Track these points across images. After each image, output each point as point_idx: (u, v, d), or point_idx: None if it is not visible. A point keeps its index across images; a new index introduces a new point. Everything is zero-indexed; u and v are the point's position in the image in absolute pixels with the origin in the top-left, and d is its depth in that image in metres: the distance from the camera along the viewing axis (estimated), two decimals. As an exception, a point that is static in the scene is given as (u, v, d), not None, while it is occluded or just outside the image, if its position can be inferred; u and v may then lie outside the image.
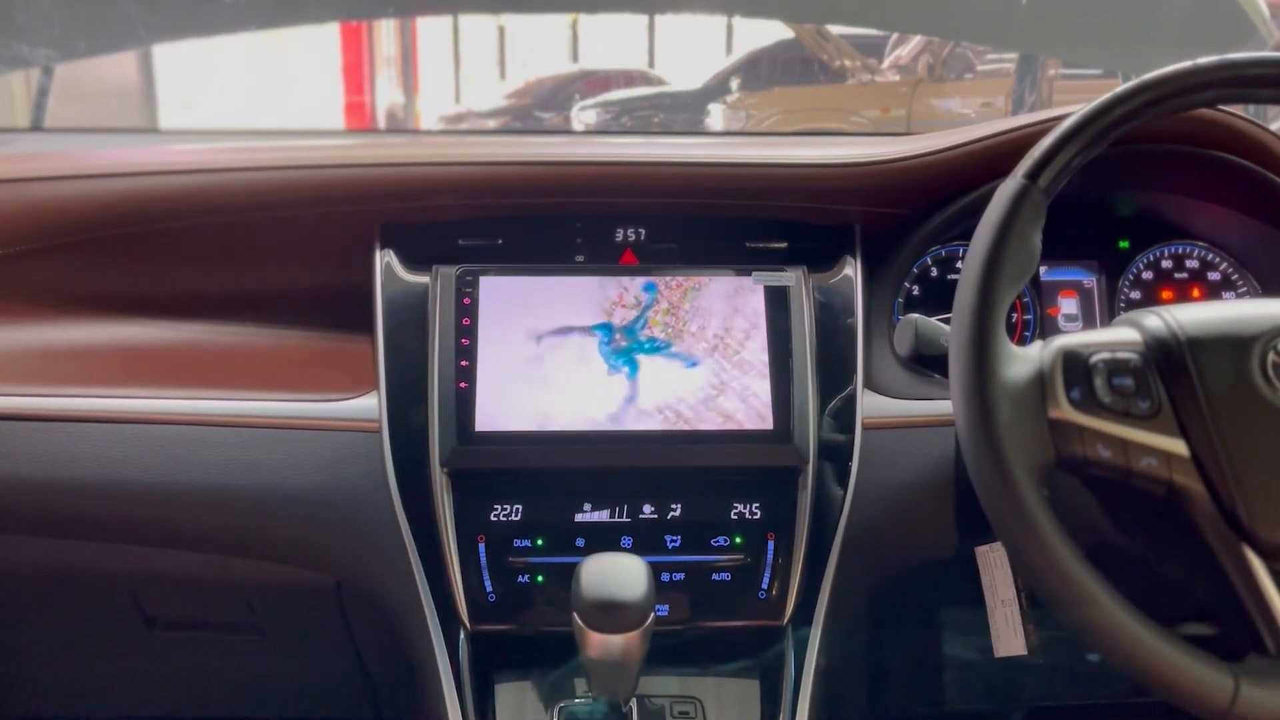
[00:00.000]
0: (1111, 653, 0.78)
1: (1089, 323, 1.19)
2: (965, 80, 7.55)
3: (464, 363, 1.01)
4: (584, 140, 1.19)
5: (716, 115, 8.08)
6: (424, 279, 1.07)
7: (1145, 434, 0.80)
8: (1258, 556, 0.78)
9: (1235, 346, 0.81)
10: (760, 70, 8.11)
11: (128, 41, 1.73)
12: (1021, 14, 1.66)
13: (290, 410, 1.04)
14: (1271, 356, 0.81)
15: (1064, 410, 0.80)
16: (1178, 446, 0.80)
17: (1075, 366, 0.82)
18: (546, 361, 1.02)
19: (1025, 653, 1.04)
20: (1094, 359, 0.82)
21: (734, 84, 8.19)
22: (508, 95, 10.12)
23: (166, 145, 1.23)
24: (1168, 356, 0.82)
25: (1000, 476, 0.79)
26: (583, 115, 8.75)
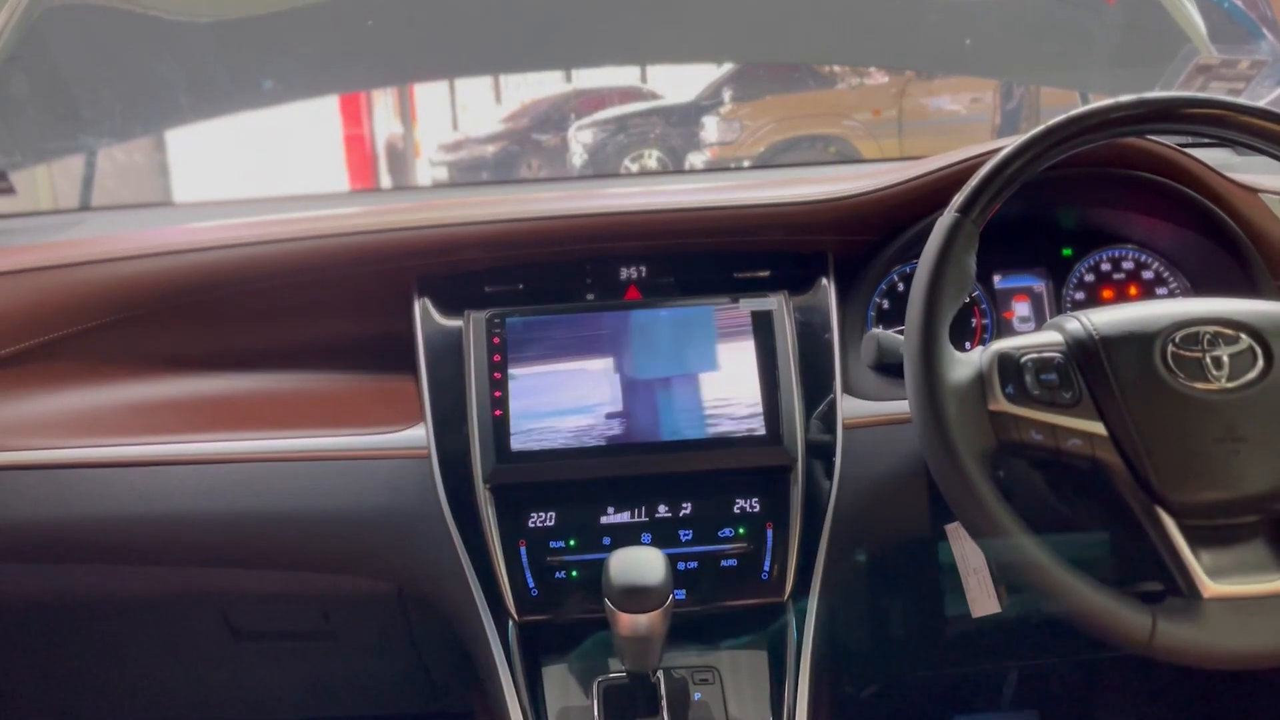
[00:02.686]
0: (1053, 601, 0.94)
1: (1040, 323, 1.34)
2: (953, 77, 7.67)
3: (497, 393, 1.17)
4: (590, 192, 1.34)
5: (711, 127, 8.23)
6: (457, 322, 1.22)
7: (1069, 419, 0.95)
8: (1168, 515, 0.93)
9: (1140, 341, 0.97)
10: (751, 80, 8.24)
11: (176, 123, 1.91)
12: (968, 51, 1.82)
13: (350, 444, 1.19)
14: (1170, 348, 0.96)
15: (1001, 403, 0.96)
16: (1097, 428, 0.95)
17: (1008, 366, 0.98)
18: (568, 387, 1.18)
19: (999, 610, 1.19)
20: (1024, 359, 0.98)
21: (726, 95, 8.32)
22: (504, 119, 10.23)
23: (215, 219, 1.39)
24: (1085, 353, 0.97)
25: (951, 462, 0.94)
26: (580, 135, 8.88)
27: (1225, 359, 0.96)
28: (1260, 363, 0.95)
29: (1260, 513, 0.93)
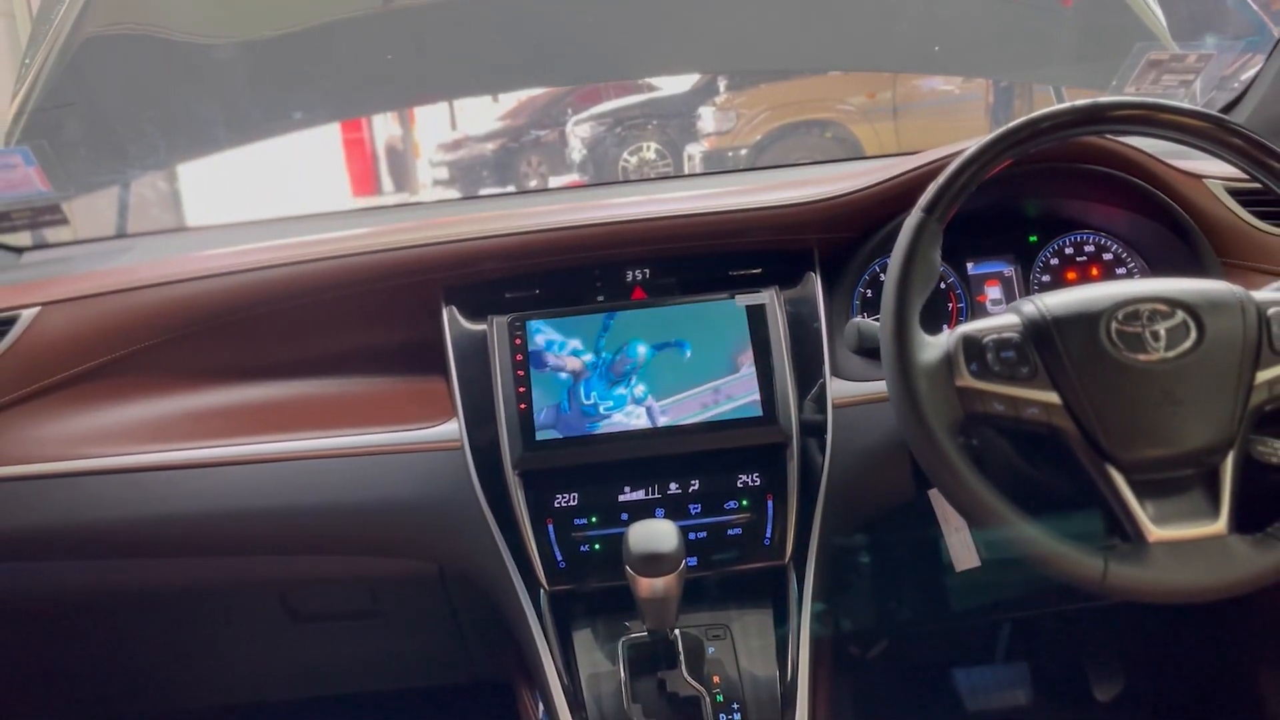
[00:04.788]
0: (1018, 550, 1.06)
1: None
2: (943, 60, 7.71)
3: (521, 389, 1.30)
4: (597, 203, 1.43)
5: (707, 118, 8.28)
6: (481, 327, 1.34)
7: (1027, 391, 1.07)
8: (1117, 471, 1.04)
9: (1088, 320, 1.08)
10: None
11: (212, 151, 2.05)
12: (939, 55, 1.93)
13: (390, 439, 1.31)
14: (1114, 325, 1.08)
15: (966, 379, 1.08)
16: (1052, 398, 1.06)
17: (972, 346, 1.09)
18: (584, 380, 1.30)
19: (978, 565, 1.32)
20: (986, 339, 1.10)
21: (721, 84, 8.37)
22: (501, 117, 10.24)
23: (251, 239, 1.51)
24: (1039, 332, 1.09)
25: (924, 433, 1.07)
26: (577, 130, 8.92)
27: (1162, 332, 1.07)
28: (1193, 334, 1.07)
29: (1197, 466, 1.05)
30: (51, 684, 1.59)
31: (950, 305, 1.45)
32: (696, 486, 1.28)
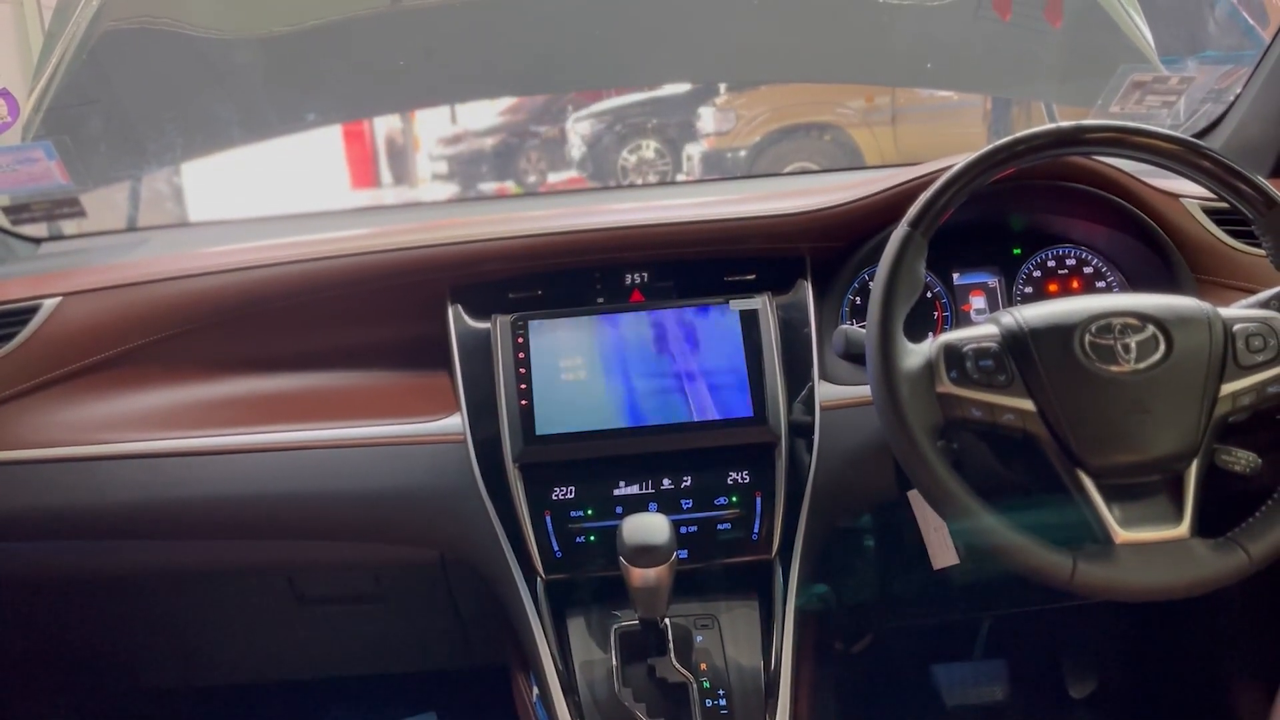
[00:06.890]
0: (992, 549, 1.12)
1: None
2: (943, 66, 7.73)
3: (523, 385, 1.34)
4: (598, 208, 1.47)
5: (707, 118, 8.31)
6: (485, 325, 1.39)
7: (1004, 398, 1.13)
8: (1087, 475, 1.10)
9: (1063, 331, 1.14)
10: (745, 69, 8.28)
11: (226, 147, 2.11)
12: (931, 72, 1.99)
13: (396, 431, 1.36)
14: (1088, 337, 1.13)
15: (946, 386, 1.13)
16: (1027, 405, 1.12)
17: (952, 355, 1.15)
18: (583, 379, 1.35)
19: (958, 562, 1.37)
20: (965, 348, 1.15)
21: (721, 86, 8.41)
22: (501, 112, 10.27)
23: (262, 235, 1.56)
24: (1016, 342, 1.15)
25: (905, 436, 1.12)
26: (577, 127, 8.96)
27: (1133, 345, 1.13)
28: (1162, 347, 1.13)
29: (1163, 472, 1.10)
30: (62, 661, 1.65)
31: (936, 314, 1.51)
32: (688, 483, 1.33)
